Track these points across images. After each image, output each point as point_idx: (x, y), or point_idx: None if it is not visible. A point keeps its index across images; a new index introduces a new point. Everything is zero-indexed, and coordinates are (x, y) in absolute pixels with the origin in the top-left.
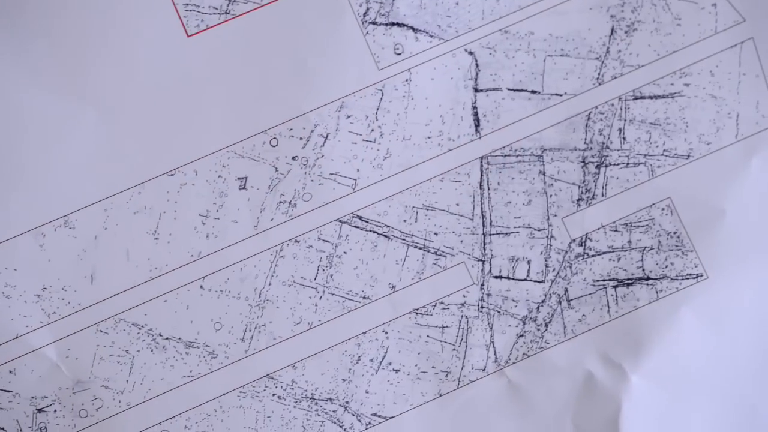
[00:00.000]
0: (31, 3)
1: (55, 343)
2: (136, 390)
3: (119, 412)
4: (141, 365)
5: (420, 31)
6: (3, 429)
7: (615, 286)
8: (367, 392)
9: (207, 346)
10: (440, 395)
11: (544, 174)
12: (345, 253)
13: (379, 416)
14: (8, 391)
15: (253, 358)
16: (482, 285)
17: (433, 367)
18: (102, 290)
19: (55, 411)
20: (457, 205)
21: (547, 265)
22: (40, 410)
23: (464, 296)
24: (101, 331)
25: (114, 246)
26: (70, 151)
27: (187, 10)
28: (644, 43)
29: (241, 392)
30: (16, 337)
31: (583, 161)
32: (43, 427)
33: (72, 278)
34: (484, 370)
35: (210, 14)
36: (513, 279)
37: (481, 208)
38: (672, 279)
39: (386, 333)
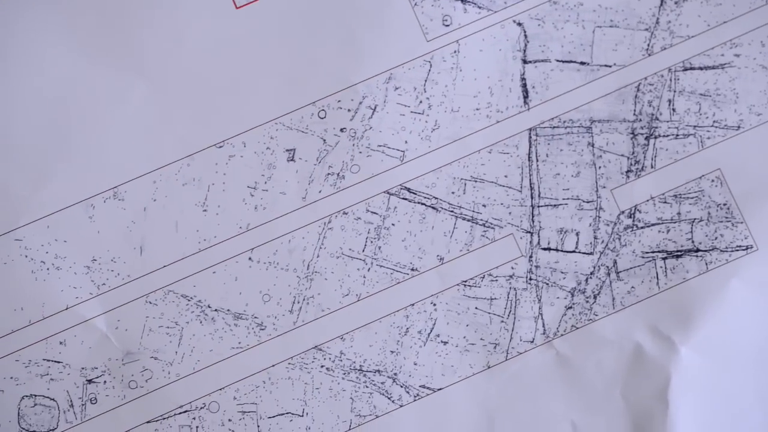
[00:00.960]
0: None
1: (104, 315)
2: (185, 361)
3: (168, 383)
4: (190, 337)
5: (468, 2)
6: (54, 400)
7: (664, 258)
8: (415, 364)
9: (255, 317)
10: (488, 367)
11: (592, 146)
12: (393, 225)
13: (428, 388)
14: (58, 362)
15: (301, 329)
16: (530, 257)
17: (481, 339)
18: (151, 262)
19: (104, 382)
20: (506, 176)
21: (595, 237)
22: (90, 381)
23: (512, 268)
24: (150, 303)
25: (163, 217)
26: (119, 123)
27: None
28: (694, 13)
29: (289, 364)
30: (66, 309)
31: (632, 133)
32: (93, 398)
33: (121, 250)
34: (532, 342)
35: None
36: (561, 251)
37: (530, 179)
38: (721, 251)
39: (434, 305)
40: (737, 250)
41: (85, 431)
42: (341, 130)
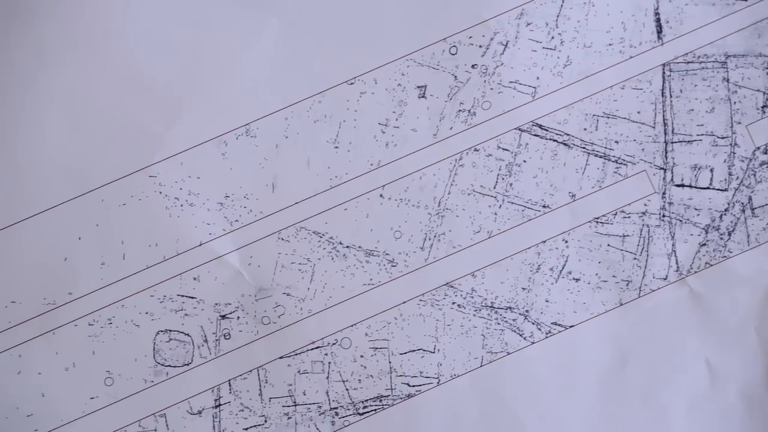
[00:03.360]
0: None
1: (237, 251)
2: (317, 297)
3: (301, 319)
4: (322, 273)
5: None
6: (188, 335)
7: None
8: (547, 301)
9: (387, 254)
10: (621, 304)
11: (728, 81)
12: (524, 161)
13: (559, 325)
14: (192, 298)
15: (432, 266)
16: (664, 193)
17: (613, 276)
18: (283, 198)
19: (238, 318)
20: (639, 112)
21: (730, 173)
22: (223, 317)
23: (645, 205)
24: (282, 239)
25: (295, 154)
26: (252, 60)
27: None
28: None
29: (421, 300)
30: (200, 245)
31: None
32: (227, 333)
33: (253, 186)
34: (665, 279)
35: None
36: (695, 187)
37: (663, 115)
38: None
39: (566, 242)
40: None
41: (219, 366)
42: (472, 66)
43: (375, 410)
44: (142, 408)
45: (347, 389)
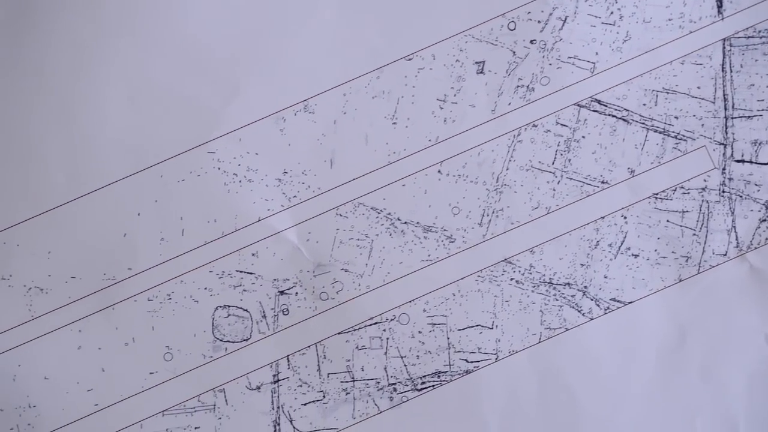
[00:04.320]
0: None
1: (296, 227)
2: (376, 273)
3: (359, 295)
4: (380, 249)
5: None
6: (247, 310)
7: None
8: (605, 277)
9: (445, 230)
10: (680, 280)
11: None
12: (583, 137)
13: (618, 301)
14: (251, 274)
15: (490, 242)
16: (723, 169)
17: (672, 252)
18: (341, 174)
19: (296, 293)
20: (698, 88)
21: None
22: (281, 292)
23: (705, 180)
24: (340, 215)
25: (353, 130)
26: (310, 36)
27: None
28: None
29: (479, 276)
30: (258, 221)
31: None
32: (285, 309)
33: (312, 162)
34: (725, 255)
35: None
36: (756, 163)
37: (723, 90)
38: None
39: (625, 218)
40: None
41: (278, 342)
42: (531, 41)
43: (433, 386)
44: (201, 383)
45: (405, 365)
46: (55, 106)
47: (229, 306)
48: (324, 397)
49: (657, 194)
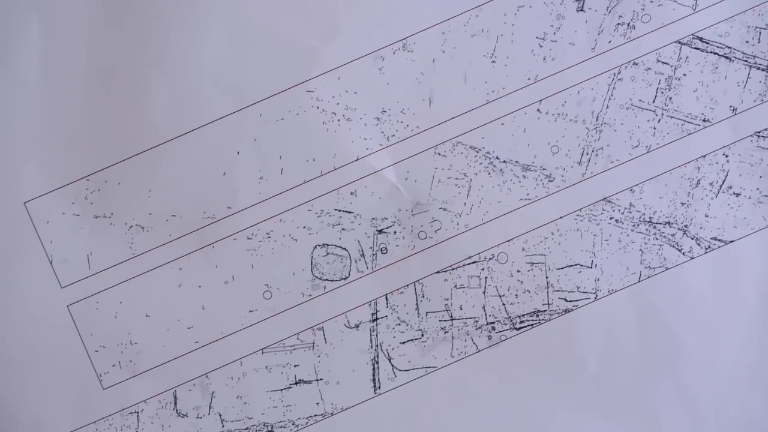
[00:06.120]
0: None
1: (394, 166)
2: (474, 213)
3: (457, 234)
4: (478, 188)
5: None
6: (345, 249)
7: None
8: (706, 216)
9: (544, 169)
10: None
11: None
12: (684, 75)
13: (719, 240)
14: (350, 212)
15: (590, 181)
16: None
17: None
18: (439, 113)
19: (394, 232)
20: None
21: None
22: (380, 231)
23: None
24: (439, 154)
25: (451, 69)
26: None
27: None
28: None
29: (578, 215)
30: (357, 159)
31: None
32: (384, 247)
33: (410, 101)
34: None
35: None
36: None
37: None
38: None
39: (726, 156)
40: None
41: (376, 281)
42: None
43: (532, 325)
44: (300, 321)
45: (504, 304)
46: (155, 46)
47: (327, 245)
48: (422, 335)
49: (759, 132)
